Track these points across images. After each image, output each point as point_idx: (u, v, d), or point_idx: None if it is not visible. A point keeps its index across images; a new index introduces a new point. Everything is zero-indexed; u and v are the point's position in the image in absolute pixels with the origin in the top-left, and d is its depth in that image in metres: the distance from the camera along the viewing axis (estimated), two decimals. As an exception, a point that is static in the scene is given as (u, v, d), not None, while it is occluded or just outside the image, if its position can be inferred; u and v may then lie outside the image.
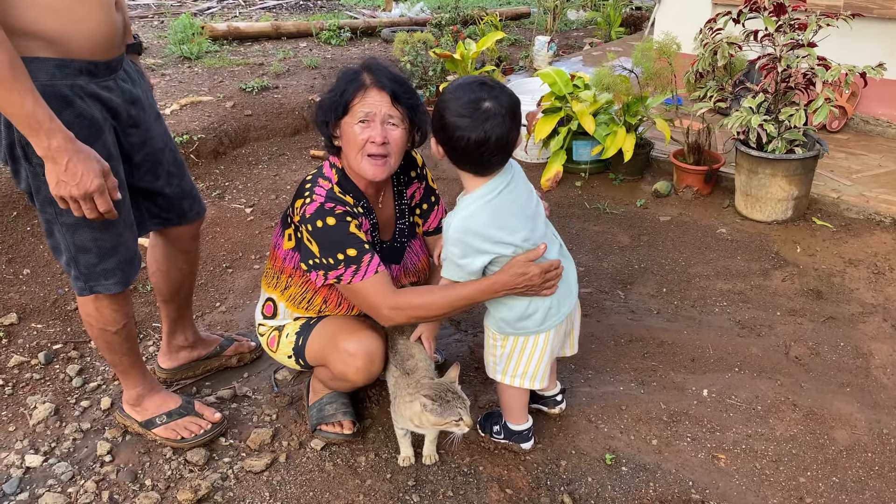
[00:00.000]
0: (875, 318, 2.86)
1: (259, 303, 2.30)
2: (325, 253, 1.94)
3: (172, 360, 2.52)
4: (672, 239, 3.51)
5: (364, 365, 2.04)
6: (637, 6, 8.24)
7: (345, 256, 1.93)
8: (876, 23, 4.32)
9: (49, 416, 2.35)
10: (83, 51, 1.76)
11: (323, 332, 2.12)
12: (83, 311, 2.04)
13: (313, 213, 1.94)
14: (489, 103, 1.74)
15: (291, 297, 2.16)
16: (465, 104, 1.75)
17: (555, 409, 2.33)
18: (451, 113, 1.75)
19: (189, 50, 6.11)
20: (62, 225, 1.87)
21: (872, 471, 2.14)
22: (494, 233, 1.83)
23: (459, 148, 1.77)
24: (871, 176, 3.96)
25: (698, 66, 3.65)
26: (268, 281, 2.24)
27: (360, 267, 1.94)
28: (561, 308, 2.01)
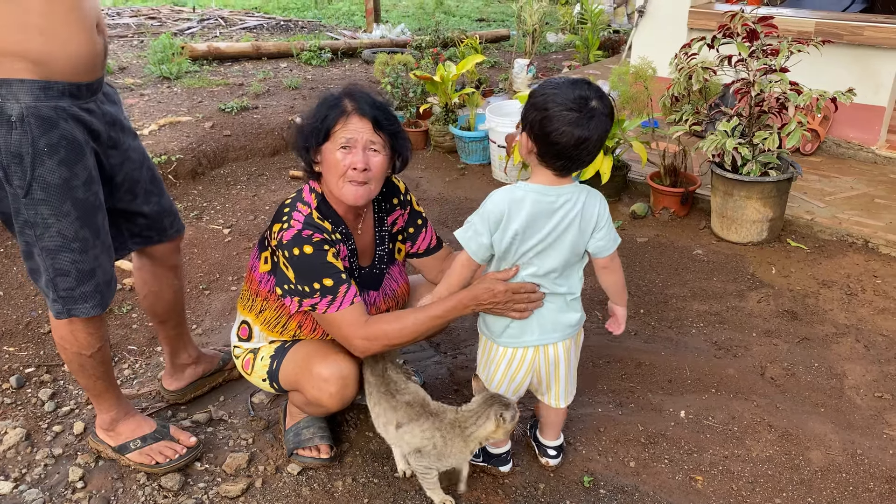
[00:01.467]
0: (848, 339, 2.89)
1: (235, 325, 2.29)
2: (301, 280, 1.94)
3: (178, 381, 2.50)
4: (649, 260, 3.54)
5: (337, 390, 2.02)
6: (615, 30, 8.36)
7: (321, 286, 1.93)
8: (846, 49, 4.42)
9: (20, 441, 2.31)
10: (66, 73, 1.77)
11: (296, 357, 2.10)
12: (57, 334, 2.02)
13: (290, 240, 1.93)
14: (595, 102, 1.72)
15: (266, 320, 2.15)
16: (573, 100, 1.71)
17: (543, 459, 2.24)
18: (559, 107, 1.71)
19: (169, 70, 6.11)
20: (42, 248, 1.85)
21: (847, 491, 2.16)
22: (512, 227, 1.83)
23: (559, 143, 1.73)
24: (843, 198, 4.03)
25: (674, 90, 3.71)
26: (243, 303, 2.23)
27: (335, 298, 1.93)
28: (533, 334, 1.96)
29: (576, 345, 2.07)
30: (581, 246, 1.90)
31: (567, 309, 1.97)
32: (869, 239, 3.59)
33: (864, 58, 4.43)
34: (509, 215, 1.84)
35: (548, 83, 1.79)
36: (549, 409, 2.14)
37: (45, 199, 1.79)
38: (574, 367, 2.09)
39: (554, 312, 1.96)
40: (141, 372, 2.69)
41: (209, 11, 9.45)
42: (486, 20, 10.05)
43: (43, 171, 1.76)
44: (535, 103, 1.77)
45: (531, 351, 1.99)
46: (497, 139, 4.40)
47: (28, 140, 1.72)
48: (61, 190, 1.79)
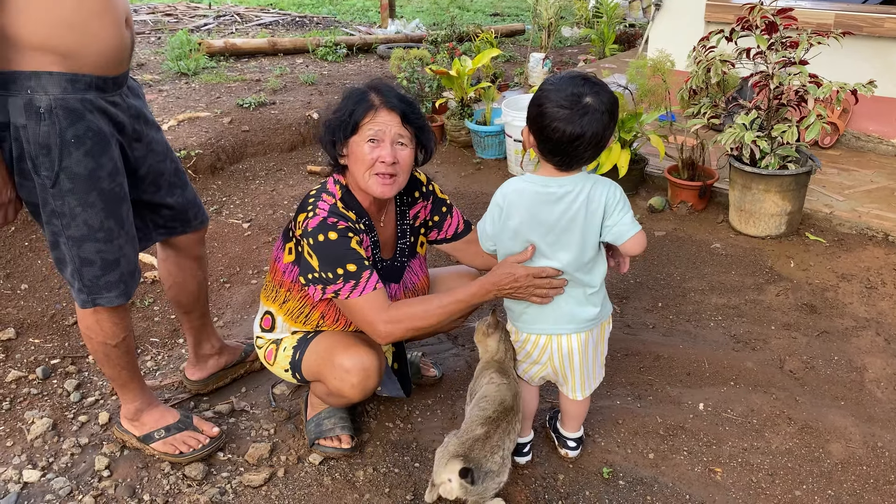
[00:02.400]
0: (868, 333, 2.88)
1: (258, 316, 2.31)
2: (325, 267, 1.95)
3: (202, 371, 2.54)
4: (667, 254, 3.54)
5: (359, 381, 2.05)
6: (631, 24, 8.33)
7: (344, 271, 1.95)
8: (866, 41, 4.38)
9: (47, 430, 2.35)
10: (94, 66, 1.80)
11: (318, 348, 2.13)
12: (83, 324, 2.05)
13: (315, 227, 1.96)
14: (590, 98, 1.74)
15: (289, 311, 2.18)
16: (566, 97, 1.74)
17: (562, 450, 2.25)
18: (552, 104, 1.75)
19: (186, 66, 6.15)
20: (68, 238, 1.88)
21: (867, 484, 2.15)
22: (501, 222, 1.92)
23: (553, 139, 1.77)
24: (863, 191, 4.01)
25: (692, 83, 3.69)
26: (267, 294, 2.25)
27: (358, 283, 1.95)
28: (546, 323, 1.98)
29: (600, 338, 2.07)
30: (592, 237, 1.88)
31: (585, 302, 1.97)
32: (889, 232, 3.56)
33: (884, 50, 4.39)
34: (510, 205, 1.89)
35: (549, 80, 1.82)
36: (568, 400, 2.16)
37: (72, 190, 1.82)
38: (594, 360, 2.08)
39: (571, 304, 1.96)
40: (164, 364, 2.73)
41: (225, 8, 9.50)
42: (501, 15, 10.04)
43: (70, 162, 1.80)
44: (533, 98, 1.81)
45: (543, 339, 2.01)
46: (513, 133, 4.40)
47: (56, 131, 1.76)
48: (87, 180, 1.83)
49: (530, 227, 1.88)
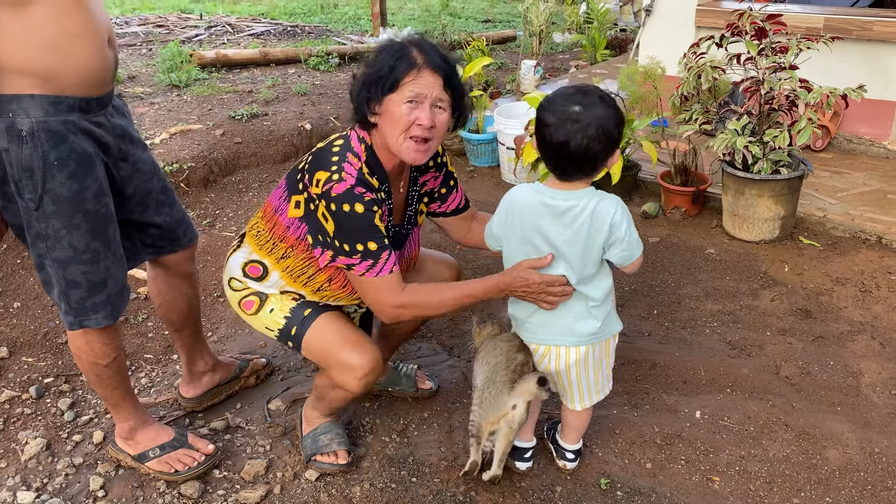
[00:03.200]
0: (863, 337, 2.88)
1: (238, 257, 2.15)
2: (343, 238, 1.87)
3: (196, 388, 2.52)
4: (661, 260, 3.54)
5: (364, 377, 2.02)
6: (622, 28, 8.35)
7: (364, 249, 1.87)
8: (856, 44, 4.40)
9: (41, 451, 2.33)
10: (76, 88, 1.79)
11: (325, 336, 2.05)
12: (73, 345, 2.04)
13: (341, 195, 1.85)
14: (578, 108, 1.77)
15: (290, 269, 2.06)
16: (559, 105, 1.80)
17: (560, 462, 2.25)
18: (547, 112, 1.81)
19: (178, 78, 6.14)
20: (53, 260, 1.87)
21: (865, 490, 2.15)
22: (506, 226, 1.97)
23: (544, 146, 1.83)
24: (855, 194, 4.02)
25: (683, 90, 3.70)
26: (260, 243, 2.10)
27: (376, 263, 1.89)
28: (546, 333, 2.00)
29: (604, 353, 2.06)
30: (594, 253, 1.87)
31: (587, 316, 1.97)
32: (882, 235, 3.57)
33: (873, 53, 4.41)
34: (516, 212, 1.92)
35: (557, 90, 1.87)
36: (568, 410, 2.16)
37: (56, 212, 1.81)
38: (596, 373, 2.06)
39: (570, 318, 1.97)
40: (158, 380, 2.71)
41: (216, 18, 9.50)
42: (492, 21, 10.06)
43: (53, 185, 1.79)
44: (539, 106, 1.86)
45: (543, 348, 2.03)
46: (506, 141, 4.41)
47: (39, 154, 1.75)
48: (72, 202, 1.82)
49: (531, 238, 1.90)
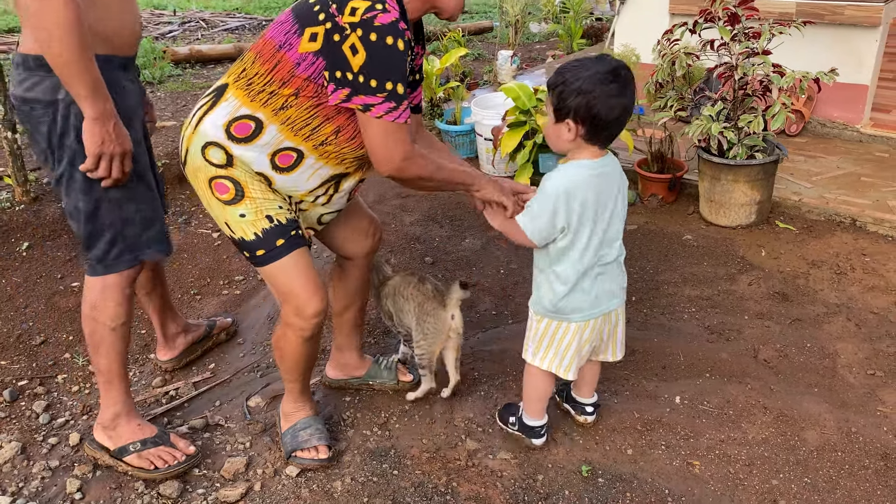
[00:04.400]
0: (839, 318, 2.91)
1: (219, 116, 1.89)
2: (372, 73, 1.72)
3: (172, 350, 2.67)
4: (639, 247, 3.55)
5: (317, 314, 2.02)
6: (598, 17, 8.36)
7: (392, 89, 1.74)
8: (828, 28, 4.43)
9: (16, 455, 2.30)
10: (122, 47, 2.00)
11: (292, 273, 1.98)
12: (89, 303, 2.12)
13: (387, 26, 1.70)
14: (625, 71, 1.82)
15: (290, 120, 1.86)
16: (608, 73, 1.79)
17: (580, 417, 2.35)
18: (600, 84, 1.78)
19: (151, 74, 6.07)
20: (109, 201, 2.02)
21: (843, 470, 2.17)
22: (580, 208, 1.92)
23: (610, 118, 1.82)
24: (829, 178, 4.05)
25: (657, 77, 3.71)
26: (252, 93, 1.85)
27: (398, 107, 1.76)
28: (600, 304, 2.06)
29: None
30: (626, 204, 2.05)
31: (622, 272, 2.12)
32: (856, 217, 3.61)
33: (845, 37, 4.45)
34: (579, 196, 1.91)
35: (571, 67, 1.84)
36: (592, 365, 2.27)
37: None
38: (624, 322, 2.21)
39: (616, 278, 2.09)
40: (135, 380, 2.68)
41: (190, 14, 9.39)
42: (469, 12, 10.03)
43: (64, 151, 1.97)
44: (575, 89, 1.81)
45: (600, 319, 2.09)
46: (483, 132, 4.40)
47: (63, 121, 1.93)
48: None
49: (596, 214, 1.95)
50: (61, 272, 3.25)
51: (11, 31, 8.24)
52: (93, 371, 2.62)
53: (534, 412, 2.24)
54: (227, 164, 1.91)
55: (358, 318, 2.50)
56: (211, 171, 1.92)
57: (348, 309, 2.46)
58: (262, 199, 1.93)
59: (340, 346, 2.54)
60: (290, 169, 1.94)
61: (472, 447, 2.28)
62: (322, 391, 2.57)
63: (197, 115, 1.93)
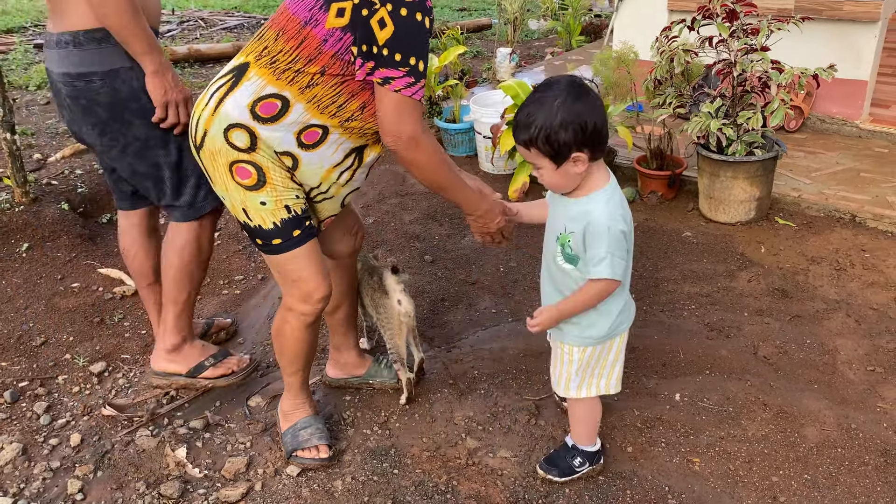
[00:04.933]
0: (839, 315, 2.91)
1: (242, 96, 1.83)
2: (398, 47, 1.71)
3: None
4: (638, 244, 3.54)
5: (322, 299, 2.05)
6: (597, 14, 8.35)
7: (414, 64, 1.74)
8: (826, 24, 4.43)
9: (17, 456, 2.30)
10: (154, 20, 2.23)
11: (303, 263, 1.99)
12: (192, 245, 2.38)
13: (417, 2, 1.71)
14: (578, 78, 1.80)
15: (316, 98, 1.83)
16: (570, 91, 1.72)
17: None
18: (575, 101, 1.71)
19: (150, 74, 6.06)
20: (186, 148, 2.23)
21: (843, 466, 2.18)
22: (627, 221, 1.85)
23: (604, 123, 1.75)
24: (829, 174, 4.05)
25: (656, 74, 3.71)
26: (276, 71, 1.81)
27: (416, 83, 1.76)
28: (630, 311, 2.03)
29: None
30: None
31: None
32: (856, 213, 3.61)
33: (844, 32, 4.44)
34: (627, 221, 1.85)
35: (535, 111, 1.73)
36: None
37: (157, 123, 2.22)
38: None
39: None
40: (135, 381, 2.68)
41: (188, 13, 9.38)
42: (468, 10, 10.02)
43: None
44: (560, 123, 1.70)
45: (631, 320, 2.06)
46: (482, 130, 4.39)
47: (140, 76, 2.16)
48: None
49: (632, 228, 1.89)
50: (61, 273, 3.25)
51: (10, 32, 8.24)
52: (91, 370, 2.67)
53: (593, 437, 2.15)
54: (251, 147, 1.85)
55: (350, 318, 2.51)
56: (233, 154, 1.86)
57: (339, 309, 2.45)
58: (282, 187, 1.91)
59: (338, 346, 2.54)
60: (315, 145, 1.90)
61: (472, 445, 2.28)
62: (322, 390, 2.57)
63: (216, 96, 1.86)
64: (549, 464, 2.14)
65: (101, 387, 2.64)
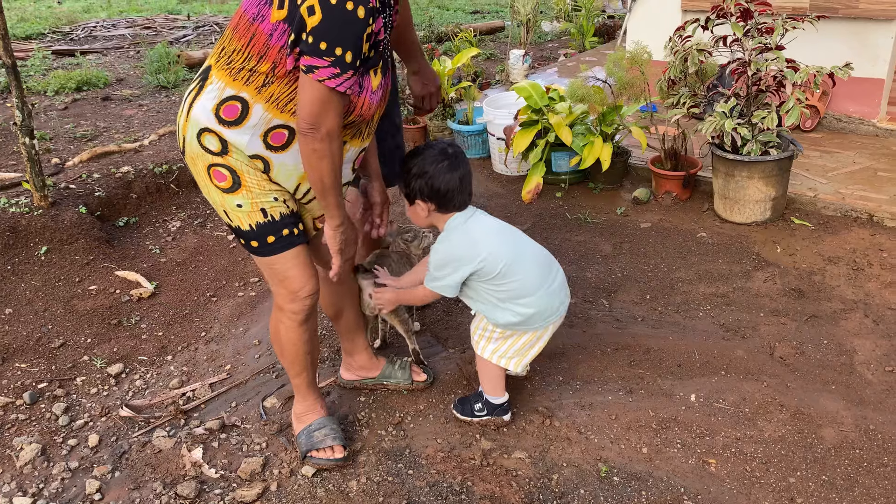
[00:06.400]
0: (856, 315, 2.89)
1: (207, 100, 1.84)
2: (324, 35, 1.67)
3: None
4: (653, 245, 3.53)
5: (309, 295, 2.07)
6: (610, 15, 8.33)
7: (341, 55, 1.69)
8: (842, 22, 4.39)
9: (36, 456, 2.33)
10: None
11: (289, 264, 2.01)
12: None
13: None
14: (452, 149, 2.15)
15: (274, 97, 1.81)
16: (437, 154, 2.12)
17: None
18: (432, 163, 2.11)
19: (166, 79, 6.12)
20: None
21: (861, 467, 2.16)
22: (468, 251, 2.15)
23: (451, 188, 2.11)
24: (846, 173, 4.01)
25: (670, 74, 3.69)
26: (234, 72, 1.80)
27: (341, 74, 1.71)
28: (560, 310, 2.27)
29: None
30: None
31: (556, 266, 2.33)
32: (873, 213, 3.57)
33: (860, 30, 4.40)
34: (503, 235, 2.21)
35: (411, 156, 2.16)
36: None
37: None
38: None
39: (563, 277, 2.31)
40: (152, 382, 2.71)
41: (204, 18, 9.46)
42: (481, 12, 10.03)
43: None
44: (415, 173, 2.12)
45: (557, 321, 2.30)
46: (496, 132, 4.39)
47: None
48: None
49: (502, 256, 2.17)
50: (79, 276, 3.29)
51: (29, 38, 8.35)
52: (108, 371, 2.67)
53: (497, 391, 2.35)
54: (223, 151, 1.87)
55: (355, 322, 2.50)
56: (208, 158, 1.88)
57: (342, 313, 2.45)
58: (257, 190, 1.91)
59: (348, 350, 2.54)
60: (284, 147, 1.89)
61: (486, 446, 2.28)
62: (336, 392, 2.58)
63: (187, 101, 1.89)
64: (459, 402, 2.43)
65: (118, 388, 2.67)
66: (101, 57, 7.54)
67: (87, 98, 5.88)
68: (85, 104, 5.70)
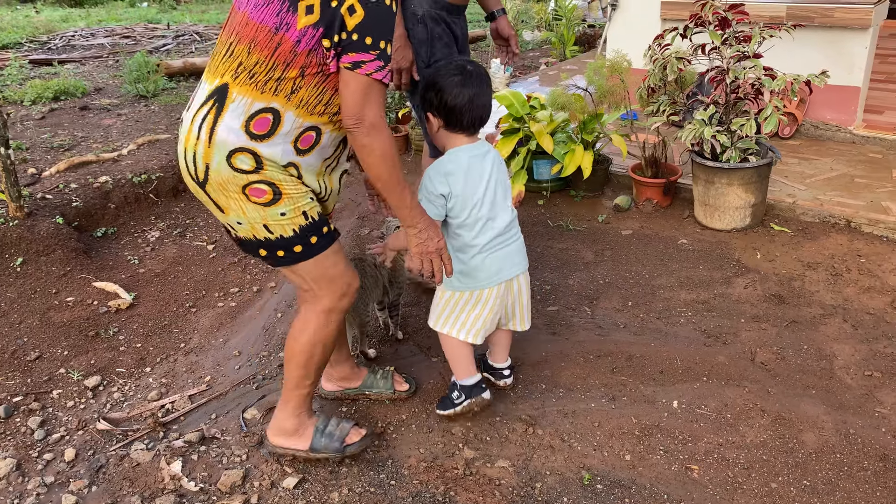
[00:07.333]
0: (835, 320, 2.91)
1: (232, 119, 1.81)
2: (368, 31, 1.73)
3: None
4: (635, 252, 3.55)
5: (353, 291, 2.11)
6: (590, 24, 8.39)
7: (384, 48, 1.76)
8: (818, 31, 4.45)
9: (11, 471, 2.28)
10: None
11: (327, 264, 2.01)
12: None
13: None
14: (471, 66, 2.15)
15: (304, 102, 1.83)
16: (453, 69, 2.13)
17: (500, 381, 2.55)
18: (445, 76, 2.11)
19: (145, 88, 6.07)
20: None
21: (842, 472, 2.17)
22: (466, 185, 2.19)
23: (459, 105, 2.10)
24: (823, 179, 4.06)
25: (649, 82, 3.72)
26: (260, 84, 1.79)
27: (385, 66, 1.79)
28: (504, 270, 2.27)
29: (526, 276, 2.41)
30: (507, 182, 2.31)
31: (521, 240, 2.34)
32: (851, 219, 3.61)
33: (836, 39, 4.47)
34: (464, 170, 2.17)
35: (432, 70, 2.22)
36: (504, 333, 2.48)
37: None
38: (528, 294, 2.42)
39: (518, 244, 2.32)
40: (130, 394, 2.67)
41: (184, 27, 9.41)
42: (462, 21, 10.05)
43: (435, 50, 2.80)
44: (428, 85, 2.14)
45: (503, 286, 2.29)
46: (477, 140, 4.39)
47: (426, 30, 2.78)
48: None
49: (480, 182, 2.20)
50: (56, 287, 3.24)
51: (6, 48, 8.26)
52: (85, 384, 2.62)
53: (466, 372, 2.37)
54: (258, 167, 1.84)
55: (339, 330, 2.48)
56: (242, 178, 1.84)
57: None
58: (296, 195, 1.92)
59: (330, 361, 2.51)
60: (311, 148, 1.92)
61: (469, 455, 2.27)
62: (318, 402, 2.56)
63: (206, 127, 1.82)
64: (440, 402, 2.44)
65: (95, 401, 2.63)
66: (80, 66, 7.47)
67: (64, 108, 5.82)
68: (62, 114, 5.64)
